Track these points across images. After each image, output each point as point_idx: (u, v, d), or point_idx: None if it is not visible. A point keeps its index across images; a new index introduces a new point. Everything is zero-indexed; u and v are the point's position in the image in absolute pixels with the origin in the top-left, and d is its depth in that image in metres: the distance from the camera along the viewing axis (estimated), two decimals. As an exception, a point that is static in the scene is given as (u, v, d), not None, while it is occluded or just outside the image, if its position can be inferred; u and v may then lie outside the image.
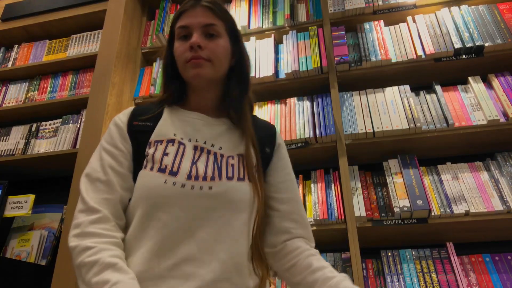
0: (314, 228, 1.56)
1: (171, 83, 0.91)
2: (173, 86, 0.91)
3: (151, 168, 0.78)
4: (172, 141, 0.83)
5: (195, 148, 0.84)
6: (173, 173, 0.78)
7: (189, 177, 0.78)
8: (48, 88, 2.22)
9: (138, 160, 0.81)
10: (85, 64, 2.19)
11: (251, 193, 0.82)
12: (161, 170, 0.78)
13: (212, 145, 0.86)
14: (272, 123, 1.76)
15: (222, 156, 0.85)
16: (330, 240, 1.64)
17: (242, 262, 0.77)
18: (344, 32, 1.86)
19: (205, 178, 0.79)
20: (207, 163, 0.82)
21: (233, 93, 0.91)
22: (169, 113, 0.89)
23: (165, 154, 0.80)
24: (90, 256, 0.67)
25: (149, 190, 0.76)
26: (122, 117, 0.87)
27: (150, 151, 0.81)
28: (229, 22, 0.90)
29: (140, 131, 0.84)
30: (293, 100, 1.83)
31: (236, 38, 0.92)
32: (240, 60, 0.92)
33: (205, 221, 0.76)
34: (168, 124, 0.86)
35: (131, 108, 0.90)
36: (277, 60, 1.92)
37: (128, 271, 0.68)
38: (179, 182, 0.76)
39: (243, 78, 0.93)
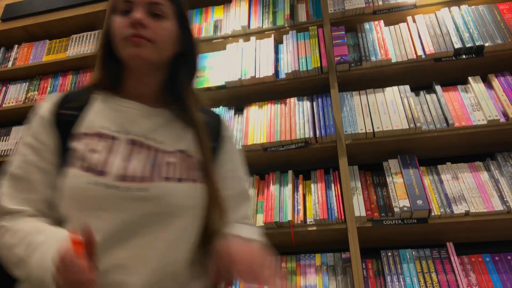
0: (314, 228, 1.56)
1: (106, 65, 0.80)
2: (108, 68, 0.80)
3: (76, 166, 0.69)
4: (102, 134, 0.73)
5: (130, 142, 0.74)
6: (101, 173, 0.68)
7: (120, 178, 0.69)
8: (48, 88, 2.22)
9: (64, 155, 0.71)
10: (85, 64, 2.19)
11: (194, 194, 0.75)
12: (87, 169, 0.68)
13: (151, 139, 0.76)
14: (272, 123, 1.78)
15: (161, 152, 0.76)
16: (330, 240, 1.64)
17: (178, 270, 0.72)
18: (344, 32, 1.86)
19: (139, 179, 0.70)
20: (142, 161, 0.73)
21: (178, 81, 0.82)
22: (101, 100, 0.78)
23: (92, 149, 0.71)
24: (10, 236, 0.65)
25: (73, 191, 0.68)
26: (46, 105, 0.77)
27: (75, 145, 0.71)
28: (178, 5, 0.81)
29: (66, 121, 0.74)
30: (293, 100, 1.83)
31: (184, 23, 0.83)
32: (188, 48, 0.84)
33: (139, 226, 0.68)
34: (99, 114, 0.76)
35: (60, 94, 0.80)
36: (277, 60, 1.92)
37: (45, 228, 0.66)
38: (108, 184, 0.68)
39: (190, 66, 0.85)
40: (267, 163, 1.86)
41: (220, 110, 1.90)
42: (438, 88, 1.72)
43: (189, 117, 0.81)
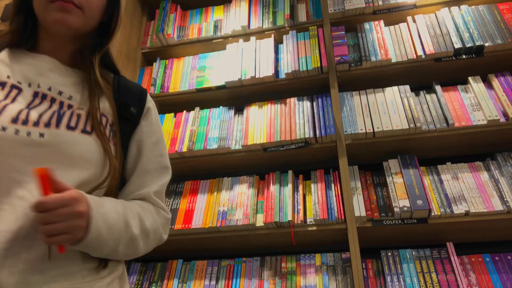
0: (314, 228, 1.56)
1: (19, 19, 0.75)
2: (21, 23, 0.75)
3: None
4: (2, 84, 0.68)
5: (36, 94, 0.69)
6: None
7: (14, 120, 0.63)
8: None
9: None
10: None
11: (98, 151, 0.70)
12: None
13: (60, 93, 0.72)
14: (272, 123, 1.78)
15: (69, 106, 0.72)
16: (330, 240, 1.64)
17: None
18: (344, 32, 1.86)
19: (36, 123, 0.65)
20: (45, 111, 0.68)
21: (93, 46, 0.80)
22: (8, 53, 0.73)
23: None
24: None
25: None
26: None
27: None
28: None
29: None
30: (293, 100, 1.83)
31: None
32: (112, 18, 0.82)
33: (28, 176, 0.62)
34: (3, 64, 0.71)
35: None
36: (277, 60, 1.92)
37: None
38: None
39: (109, 35, 0.83)
40: (267, 163, 1.86)
41: (220, 110, 1.90)
42: (438, 88, 1.72)
43: (98, 81, 0.77)
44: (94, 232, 0.64)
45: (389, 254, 1.53)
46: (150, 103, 0.87)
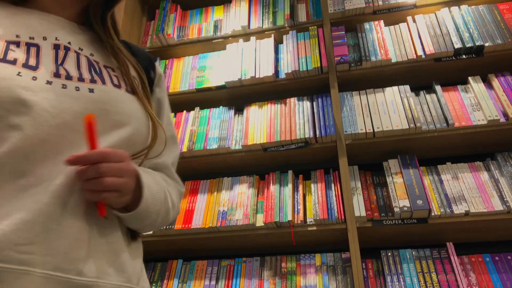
0: (314, 228, 1.56)
1: None
2: None
3: None
4: (15, 43, 0.56)
5: (57, 47, 0.60)
6: (31, 67, 0.54)
7: (56, 75, 0.56)
8: None
9: None
10: None
11: (143, 113, 0.65)
12: (8, 61, 0.53)
13: (80, 49, 0.64)
14: (272, 123, 1.78)
15: (97, 62, 0.64)
16: (330, 240, 1.64)
17: None
18: (344, 32, 1.86)
19: (81, 79, 0.58)
20: (79, 65, 0.60)
21: (99, 3, 0.70)
22: (3, 8, 0.61)
23: (8, 50, 0.55)
24: None
25: None
26: None
27: None
28: None
29: None
30: (293, 100, 1.83)
31: None
32: None
33: (79, 134, 0.54)
34: (4, 22, 0.59)
35: None
36: (277, 60, 1.92)
37: None
38: (42, 78, 0.54)
39: None
40: (267, 163, 1.86)
41: (220, 110, 1.90)
42: (438, 88, 1.72)
43: (112, 44, 0.70)
44: (145, 201, 0.60)
45: (389, 254, 1.53)
46: (159, 69, 0.83)
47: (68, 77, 0.57)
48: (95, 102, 0.58)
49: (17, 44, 0.56)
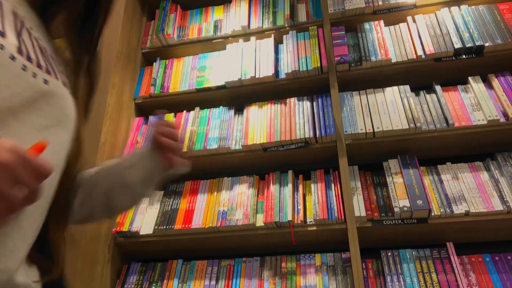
0: (314, 228, 1.56)
1: None
2: None
3: None
4: None
5: (15, 14, 0.52)
6: (0, 33, 0.47)
7: (19, 51, 0.49)
8: None
9: None
10: (85, 64, 2.18)
11: (74, 107, 0.58)
12: None
13: (31, 28, 0.55)
14: (272, 123, 1.78)
15: (45, 49, 0.57)
16: (330, 240, 1.64)
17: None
18: (344, 32, 1.86)
19: (39, 65, 0.51)
20: (33, 47, 0.53)
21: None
22: None
23: None
24: None
25: None
26: None
27: None
28: None
29: None
30: (293, 100, 1.83)
31: None
32: None
33: (23, 124, 0.48)
34: None
35: None
36: (277, 60, 1.92)
37: None
38: (8, 51, 0.46)
39: None
40: (267, 163, 1.86)
41: (220, 110, 1.90)
42: (438, 88, 1.72)
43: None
44: None
45: (389, 254, 1.53)
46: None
47: (29, 58, 0.50)
48: (47, 96, 0.52)
49: None
